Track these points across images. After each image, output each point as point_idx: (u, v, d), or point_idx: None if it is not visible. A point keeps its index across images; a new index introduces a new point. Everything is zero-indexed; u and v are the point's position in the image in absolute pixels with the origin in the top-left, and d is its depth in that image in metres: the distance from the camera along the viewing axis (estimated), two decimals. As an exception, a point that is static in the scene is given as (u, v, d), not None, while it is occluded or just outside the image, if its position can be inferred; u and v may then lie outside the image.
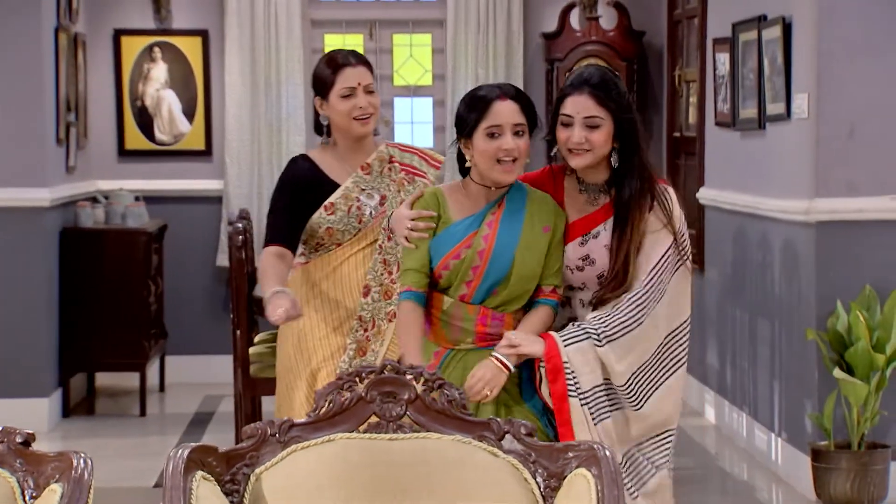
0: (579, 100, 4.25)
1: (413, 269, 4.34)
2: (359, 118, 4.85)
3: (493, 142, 4.23)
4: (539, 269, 4.30)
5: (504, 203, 4.32)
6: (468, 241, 4.29)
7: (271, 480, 3.15)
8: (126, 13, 10.17)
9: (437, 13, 10.33)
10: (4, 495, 3.04)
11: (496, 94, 4.28)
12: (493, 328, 4.31)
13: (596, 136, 4.22)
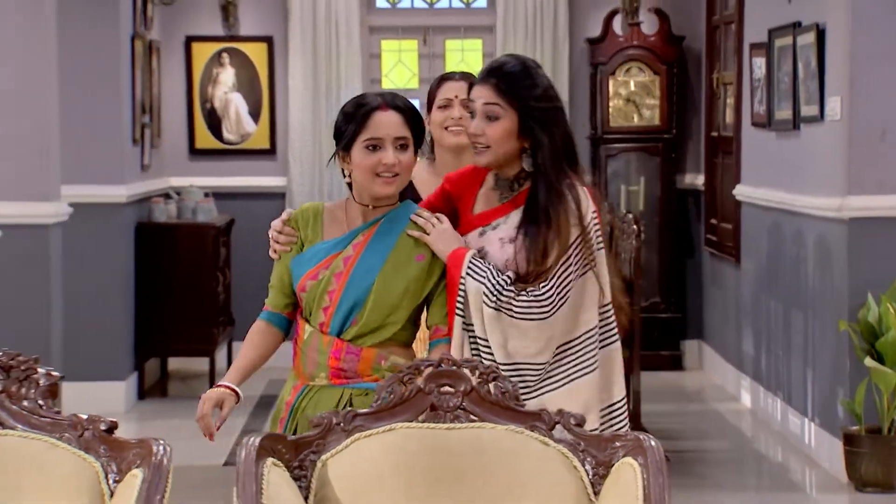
0: (481, 89, 3.71)
1: (273, 287, 3.82)
2: (450, 128, 4.43)
3: (372, 155, 3.66)
4: (402, 299, 3.67)
5: (380, 224, 3.73)
6: (328, 261, 3.70)
7: (336, 467, 3.15)
8: (197, 21, 10.21)
9: (487, 20, 10.32)
10: (89, 479, 3.06)
11: (377, 103, 3.68)
12: (348, 363, 3.66)
13: (492, 130, 3.67)
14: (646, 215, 9.91)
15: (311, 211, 3.79)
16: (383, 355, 3.66)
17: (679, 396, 9.36)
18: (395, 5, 10.44)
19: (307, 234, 3.76)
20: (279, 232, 3.78)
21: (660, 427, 8.14)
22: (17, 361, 3.14)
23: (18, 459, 3.07)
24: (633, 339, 7.25)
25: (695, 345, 10.22)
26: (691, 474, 7.24)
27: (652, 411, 8.49)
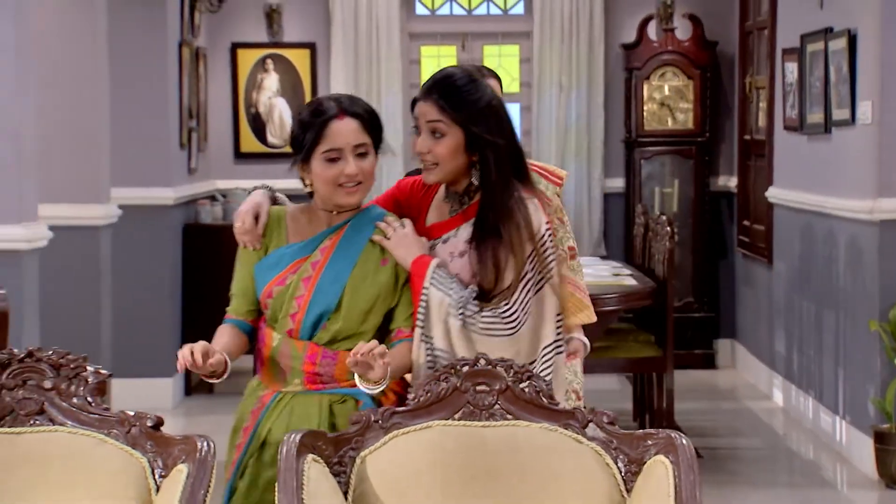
0: (424, 107, 3.53)
1: (235, 294, 3.63)
2: None
3: (333, 166, 3.44)
4: (374, 305, 3.50)
5: (346, 228, 3.55)
6: (295, 266, 3.51)
7: (374, 463, 3.16)
8: (242, 28, 10.25)
9: (524, 26, 10.32)
10: (137, 474, 3.08)
11: (334, 112, 3.44)
12: (324, 367, 3.48)
13: (439, 148, 3.50)
14: (679, 217, 9.90)
15: (274, 216, 3.58)
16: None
17: (712, 395, 9.33)
18: (435, 12, 10.45)
19: (271, 238, 3.57)
20: (246, 231, 3.56)
21: (693, 425, 8.12)
22: (66, 360, 3.17)
23: (68, 455, 3.09)
24: (666, 339, 7.23)
25: (728, 344, 10.18)
26: (724, 471, 7.22)
27: (685, 409, 8.47)
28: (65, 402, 3.15)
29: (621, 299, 6.82)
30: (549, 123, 10.09)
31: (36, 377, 3.16)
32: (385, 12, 10.04)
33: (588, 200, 10.17)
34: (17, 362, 3.15)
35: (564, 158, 10.07)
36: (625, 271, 7.62)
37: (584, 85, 10.05)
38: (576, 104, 10.07)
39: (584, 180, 10.12)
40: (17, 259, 5.69)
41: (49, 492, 3.05)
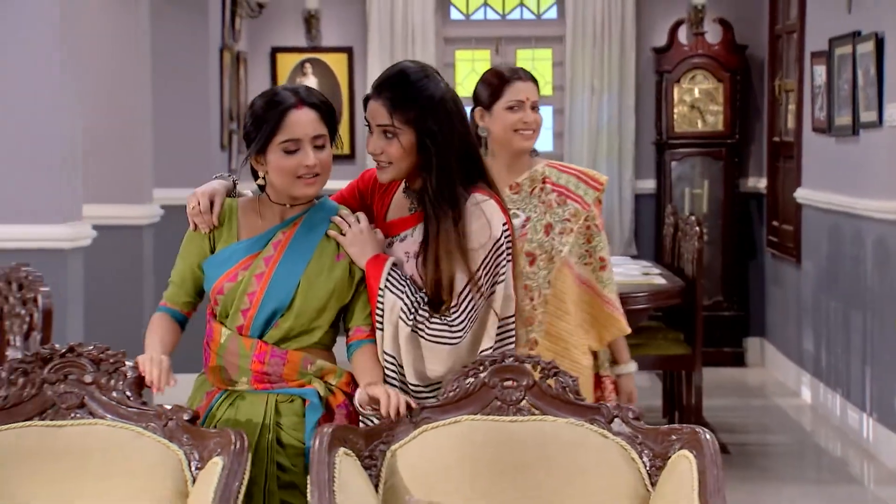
0: (375, 106, 3.36)
1: (173, 283, 3.44)
2: (521, 131, 4.08)
3: (291, 157, 3.26)
4: (328, 302, 3.34)
5: (300, 223, 3.36)
6: (247, 262, 3.33)
7: (405, 457, 3.16)
8: (281, 33, 10.28)
9: (557, 30, 10.31)
10: (173, 466, 3.10)
11: (292, 101, 3.26)
12: (273, 367, 3.30)
13: (391, 149, 3.33)
14: (709, 218, 9.88)
15: (227, 207, 3.41)
16: (309, 359, 3.32)
17: (742, 392, 9.30)
18: (469, 17, 10.45)
19: (221, 232, 3.39)
20: (200, 213, 3.39)
21: (722, 421, 8.10)
22: (106, 355, 3.19)
23: (107, 447, 3.11)
24: (694, 338, 7.21)
25: (757, 342, 10.14)
26: (753, 467, 7.19)
27: (715, 406, 8.45)
28: (104, 395, 3.17)
29: (650, 298, 6.79)
30: (581, 126, 10.08)
31: (77, 372, 3.18)
32: (420, 17, 10.05)
33: (619, 201, 10.15)
34: (58, 357, 3.17)
35: (596, 160, 10.06)
36: (654, 270, 7.60)
37: (616, 88, 10.04)
38: (607, 107, 10.06)
39: (615, 181, 10.10)
40: (62, 257, 5.72)
41: (89, 483, 3.07)
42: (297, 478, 3.24)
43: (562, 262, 4.12)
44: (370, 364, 3.35)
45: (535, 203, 4.14)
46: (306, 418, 3.28)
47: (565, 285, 4.15)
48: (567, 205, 4.15)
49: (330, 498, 2.92)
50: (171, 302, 3.45)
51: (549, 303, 4.11)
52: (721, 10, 10.07)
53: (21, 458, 3.08)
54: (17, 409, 3.13)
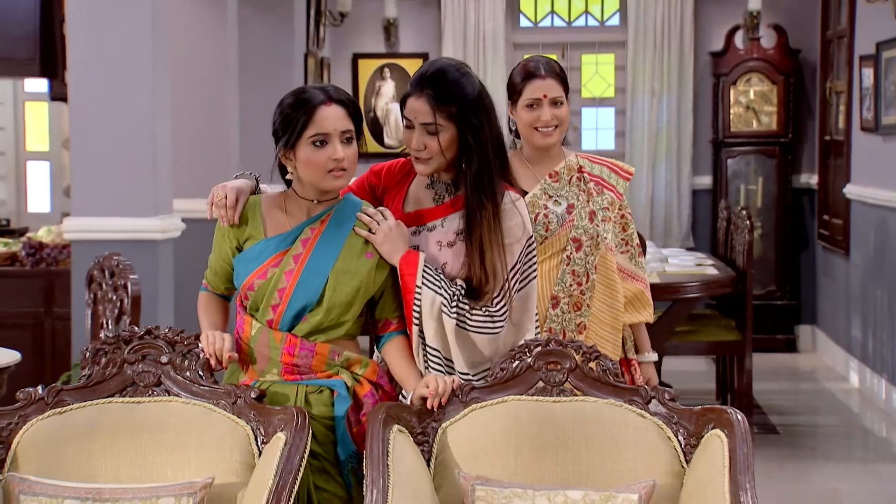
0: (417, 104, 3.33)
1: (212, 269, 3.42)
2: (540, 129, 3.92)
3: (320, 151, 3.21)
4: (355, 297, 3.27)
5: (328, 220, 3.30)
6: (277, 259, 3.26)
7: (455, 433, 3.18)
8: (362, 40, 10.33)
9: (619, 36, 10.26)
10: (241, 440, 3.13)
11: (321, 98, 3.21)
12: (302, 359, 3.25)
13: (434, 144, 3.31)
14: (763, 212, 9.82)
15: (249, 207, 3.34)
16: (336, 351, 3.28)
17: (793, 376, 9.21)
18: (537, 24, 10.43)
19: (247, 230, 3.32)
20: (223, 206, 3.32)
21: (774, 403, 8.04)
22: (181, 337, 3.23)
23: (182, 422, 3.15)
24: (745, 325, 7.16)
25: (808, 329, 10.05)
26: (802, 447, 7.13)
27: (767, 389, 8.39)
28: (179, 374, 3.21)
29: (703, 287, 6.76)
30: (642, 126, 10.03)
31: (154, 352, 3.22)
32: (491, 24, 10.05)
33: (678, 197, 10.09)
34: (137, 339, 3.22)
35: (656, 158, 10.02)
36: (708, 261, 7.55)
37: (675, 90, 9.98)
38: (667, 108, 10.01)
39: (673, 178, 10.05)
40: (153, 248, 5.79)
41: (164, 454, 3.12)
42: (327, 464, 3.23)
43: (606, 248, 4.00)
44: (406, 359, 3.32)
45: (575, 191, 4.01)
46: (335, 408, 3.24)
47: (611, 270, 4.02)
48: (604, 194, 4.03)
49: (383, 471, 2.95)
50: (213, 286, 3.44)
51: (597, 288, 3.98)
52: (776, 16, 9.98)
53: (103, 431, 3.13)
54: (100, 387, 3.19)
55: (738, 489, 2.86)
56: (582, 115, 10.38)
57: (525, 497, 2.99)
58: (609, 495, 2.98)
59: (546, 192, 3.99)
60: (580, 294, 3.96)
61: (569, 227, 3.96)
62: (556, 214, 3.94)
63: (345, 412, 3.23)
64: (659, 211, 10.09)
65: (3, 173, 11.04)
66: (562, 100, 3.93)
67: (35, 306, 6.76)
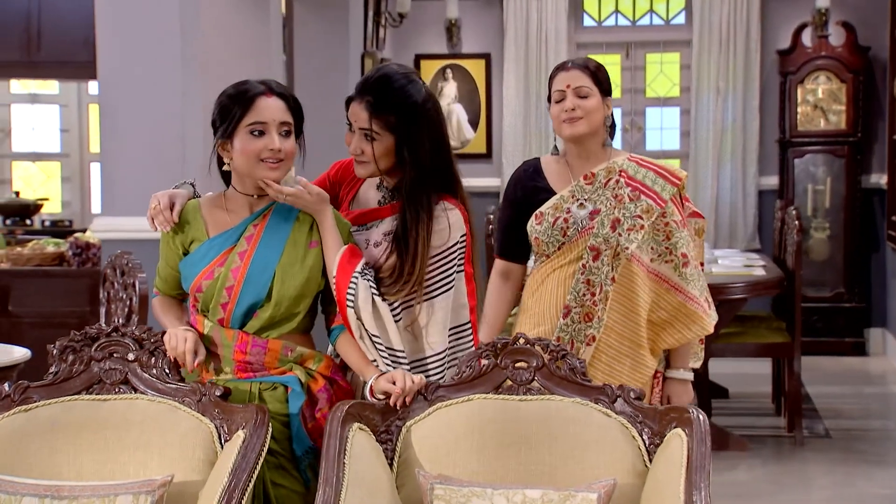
0: (357, 109, 3.35)
1: (161, 278, 3.42)
2: (565, 120, 3.85)
3: (257, 140, 3.21)
4: (304, 289, 3.26)
5: (269, 214, 3.30)
6: (222, 257, 3.26)
7: (419, 432, 3.16)
8: (425, 41, 10.34)
9: (684, 34, 10.15)
10: (205, 438, 3.13)
11: (260, 89, 3.22)
12: (254, 356, 3.25)
13: (370, 150, 3.33)
14: (831, 213, 9.66)
15: (189, 210, 3.34)
16: (289, 347, 3.28)
17: (861, 380, 9.02)
18: (601, 23, 10.35)
19: (189, 231, 3.32)
20: (160, 211, 3.32)
21: (832, 407, 7.92)
22: (148, 335, 3.24)
23: (147, 419, 3.16)
24: (793, 326, 7.03)
25: (879, 332, 9.84)
26: (854, 451, 6.98)
27: (827, 393, 8.26)
28: (145, 372, 3.22)
29: (747, 289, 6.66)
30: (707, 125, 9.91)
31: (121, 350, 3.24)
32: (554, 24, 10.00)
33: (743, 197, 9.95)
34: (104, 336, 3.24)
35: (721, 158, 9.89)
36: (758, 262, 7.43)
37: (741, 89, 9.84)
38: (732, 107, 9.88)
39: (739, 179, 9.92)
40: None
41: (127, 451, 3.13)
42: (284, 460, 3.22)
43: (628, 259, 3.85)
44: (360, 349, 3.29)
45: (606, 196, 3.89)
46: (289, 404, 3.23)
47: (634, 283, 3.87)
48: (640, 200, 3.88)
49: (338, 469, 2.93)
50: (164, 293, 3.44)
51: (613, 299, 3.85)
52: (844, 13, 9.80)
53: (67, 428, 3.15)
54: (67, 384, 3.21)
55: (692, 488, 2.80)
56: (646, 115, 10.29)
57: (483, 496, 2.96)
58: (568, 494, 2.94)
59: (574, 194, 3.92)
60: (592, 305, 3.85)
61: (587, 234, 3.88)
62: (578, 219, 3.88)
63: (299, 409, 3.23)
64: (724, 212, 9.96)
65: (68, 175, 11.24)
66: (588, 91, 3.86)
67: (81, 305, 6.86)
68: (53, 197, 11.11)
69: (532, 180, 3.97)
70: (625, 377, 3.80)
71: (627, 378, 3.78)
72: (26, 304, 7.03)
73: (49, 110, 11.25)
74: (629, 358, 3.86)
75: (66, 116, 11.16)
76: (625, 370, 3.84)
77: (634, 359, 3.88)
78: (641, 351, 3.88)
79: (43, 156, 11.30)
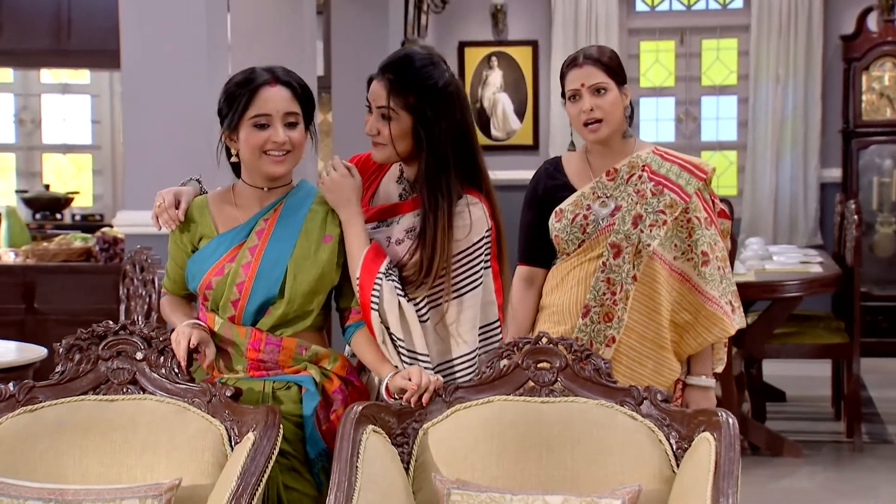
0: (376, 87, 3.36)
1: (169, 278, 3.43)
2: (586, 123, 3.81)
3: (260, 133, 3.23)
4: (318, 285, 3.26)
5: (280, 208, 3.31)
6: (232, 253, 3.27)
7: (436, 435, 3.15)
8: (469, 27, 10.35)
9: (742, 19, 10.10)
10: (214, 440, 3.15)
11: (265, 78, 3.22)
12: (268, 354, 3.26)
13: (386, 131, 3.33)
14: (898, 207, 9.58)
15: (195, 207, 3.35)
16: (303, 345, 3.29)
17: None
18: (654, 8, 10.32)
19: (197, 228, 3.34)
20: (165, 209, 3.35)
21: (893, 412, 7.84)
22: (156, 333, 3.26)
23: (154, 421, 3.18)
24: (853, 327, 6.97)
25: (950, 333, 9.74)
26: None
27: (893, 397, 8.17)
28: (154, 372, 3.24)
29: (802, 286, 6.61)
30: (766, 115, 9.85)
31: (129, 349, 3.26)
32: (605, 9, 9.98)
33: (804, 191, 9.88)
34: (112, 335, 3.26)
35: (780, 149, 9.83)
36: (816, 259, 7.39)
37: (801, 76, 9.78)
38: (793, 96, 9.81)
39: (799, 171, 9.85)
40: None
41: (134, 454, 3.15)
42: (297, 463, 3.22)
43: (650, 256, 3.81)
44: (377, 345, 3.29)
45: (629, 191, 3.85)
46: (303, 405, 3.24)
47: (656, 281, 3.83)
48: (663, 195, 3.83)
49: (350, 472, 2.94)
50: (172, 293, 3.46)
51: (635, 299, 3.82)
52: (912, -5, 9.70)
53: (72, 430, 3.18)
54: (73, 384, 3.24)
55: (719, 495, 2.79)
56: (702, 105, 10.26)
57: (502, 502, 2.96)
58: (590, 501, 2.94)
59: (595, 191, 3.87)
60: (612, 304, 3.82)
61: (608, 230, 3.84)
62: (598, 216, 3.84)
63: (313, 410, 3.23)
64: (783, 206, 9.89)
65: (100, 168, 11.34)
66: (605, 87, 3.80)
67: (108, 303, 6.89)
68: (84, 190, 11.22)
69: (552, 178, 3.94)
70: (647, 381, 3.75)
71: (650, 381, 3.74)
72: (52, 301, 7.11)
73: (80, 100, 11.36)
74: (651, 360, 3.83)
75: (98, 107, 11.27)
76: (647, 373, 3.81)
77: (657, 361, 3.84)
78: (664, 353, 3.85)
79: (74, 148, 11.41)
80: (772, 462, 6.69)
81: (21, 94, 11.32)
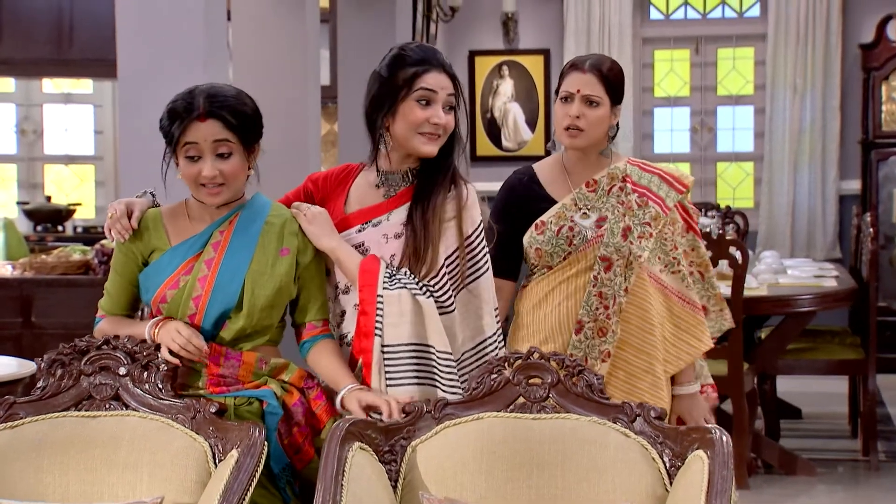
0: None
1: (109, 294, 3.42)
2: (567, 130, 3.86)
3: (193, 165, 3.25)
4: (276, 299, 3.30)
5: (236, 220, 3.33)
6: (188, 265, 3.28)
7: (425, 452, 3.16)
8: (479, 36, 10.35)
9: (759, 28, 10.08)
10: (198, 457, 3.15)
11: (194, 112, 3.22)
12: (228, 369, 3.29)
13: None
14: (919, 220, 9.56)
15: (149, 219, 3.36)
16: (264, 359, 3.32)
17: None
18: (669, 16, 10.31)
19: (151, 243, 3.35)
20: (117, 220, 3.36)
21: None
22: (140, 348, 3.27)
23: (137, 437, 3.18)
24: (868, 342, 6.94)
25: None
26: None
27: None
28: (137, 387, 3.25)
29: (815, 301, 6.59)
30: (783, 126, 9.83)
31: (112, 364, 3.27)
32: (618, 18, 9.97)
33: (822, 203, 9.85)
34: (94, 349, 3.28)
35: (797, 160, 9.81)
36: (831, 272, 7.36)
37: (819, 86, 9.75)
38: (810, 106, 9.79)
39: (817, 183, 9.82)
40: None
41: (116, 471, 3.15)
42: (263, 478, 3.20)
43: (640, 269, 3.85)
44: (337, 358, 3.37)
45: (612, 203, 3.88)
46: (266, 420, 3.27)
47: (647, 294, 3.87)
48: (648, 207, 3.89)
49: (335, 491, 2.94)
50: (109, 314, 3.45)
51: (627, 311, 3.84)
52: (933, 3, 9.69)
53: (53, 447, 3.18)
54: (55, 400, 3.25)
55: (711, 515, 2.78)
56: (717, 115, 10.25)
57: (491, 522, 2.96)
58: (581, 521, 2.93)
59: (577, 202, 3.90)
60: (606, 318, 3.84)
61: (597, 243, 3.86)
62: (584, 228, 3.87)
63: (276, 425, 3.27)
64: (801, 218, 9.86)
65: (102, 178, 11.37)
66: (598, 100, 3.84)
67: (106, 317, 6.91)
68: (87, 202, 11.25)
69: (527, 189, 3.96)
70: (646, 396, 3.79)
71: (649, 398, 3.78)
72: (50, 315, 7.11)
73: (83, 111, 11.41)
74: (649, 374, 3.87)
75: (101, 117, 11.31)
76: (645, 387, 3.85)
77: (655, 375, 3.88)
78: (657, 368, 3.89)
79: (76, 158, 11.46)
80: (785, 481, 6.66)
81: (23, 104, 11.38)
